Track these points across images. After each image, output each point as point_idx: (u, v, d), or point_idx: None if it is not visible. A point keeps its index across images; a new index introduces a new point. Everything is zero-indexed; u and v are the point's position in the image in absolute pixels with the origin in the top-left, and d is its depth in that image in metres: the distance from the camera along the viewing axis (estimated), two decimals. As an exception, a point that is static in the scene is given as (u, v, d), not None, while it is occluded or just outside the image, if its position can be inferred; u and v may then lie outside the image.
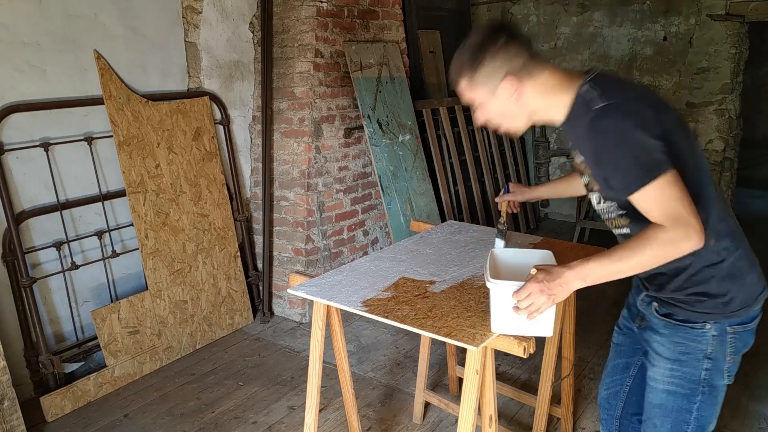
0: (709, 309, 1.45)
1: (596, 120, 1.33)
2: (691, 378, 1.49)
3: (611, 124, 1.31)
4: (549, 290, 1.38)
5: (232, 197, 3.62)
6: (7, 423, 2.46)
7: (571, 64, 5.47)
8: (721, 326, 1.45)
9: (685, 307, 1.48)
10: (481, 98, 1.47)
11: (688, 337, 1.48)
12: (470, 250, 2.19)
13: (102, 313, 2.88)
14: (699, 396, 1.49)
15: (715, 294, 1.44)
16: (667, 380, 1.52)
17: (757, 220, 5.78)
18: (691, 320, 1.47)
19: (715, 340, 1.46)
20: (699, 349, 1.47)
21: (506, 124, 1.51)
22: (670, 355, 1.51)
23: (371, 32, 3.95)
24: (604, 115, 1.32)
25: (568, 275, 1.37)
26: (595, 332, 3.48)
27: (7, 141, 2.67)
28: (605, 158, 1.34)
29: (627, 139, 1.29)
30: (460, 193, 4.66)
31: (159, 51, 3.23)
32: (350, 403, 2.21)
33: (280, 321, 3.71)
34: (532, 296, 1.39)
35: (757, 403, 2.78)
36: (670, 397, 1.52)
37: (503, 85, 1.42)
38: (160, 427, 2.65)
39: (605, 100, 1.33)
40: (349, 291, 1.83)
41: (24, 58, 2.67)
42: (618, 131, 1.30)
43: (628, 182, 1.31)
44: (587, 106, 1.36)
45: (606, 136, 1.31)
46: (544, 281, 1.38)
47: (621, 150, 1.30)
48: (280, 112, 3.67)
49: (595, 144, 1.34)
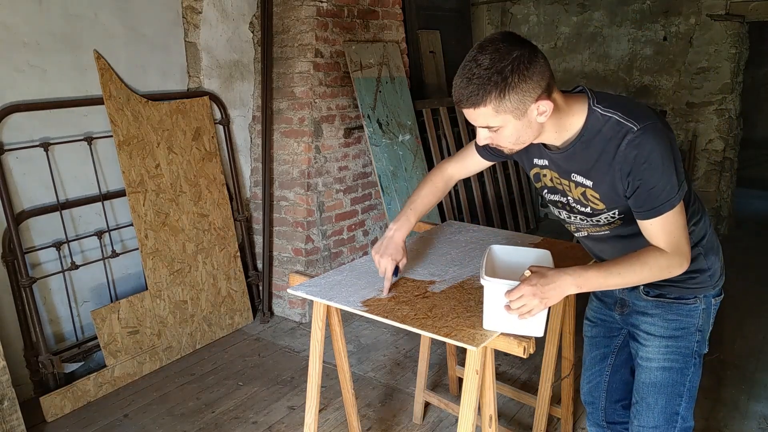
0: (700, 284, 1.55)
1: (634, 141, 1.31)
2: (685, 352, 1.58)
3: (651, 145, 1.31)
4: (542, 294, 1.38)
5: (232, 197, 3.62)
6: (7, 423, 2.46)
7: (571, 64, 5.48)
8: (707, 299, 1.58)
9: (680, 285, 1.55)
10: (504, 122, 1.32)
11: (682, 313, 1.57)
12: (470, 250, 2.19)
13: (102, 313, 2.88)
14: (692, 368, 1.59)
15: (704, 269, 1.55)
16: (663, 357, 1.59)
17: (758, 220, 5.78)
18: (683, 297, 1.56)
19: (704, 312, 1.58)
20: (692, 323, 1.57)
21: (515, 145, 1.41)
22: (664, 332, 1.59)
23: (371, 32, 3.95)
24: (642, 137, 1.31)
25: (564, 280, 1.39)
26: (595, 332, 3.47)
27: (7, 141, 2.67)
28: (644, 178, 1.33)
29: (663, 162, 1.32)
30: (460, 193, 4.66)
31: (159, 51, 3.23)
32: (350, 403, 2.21)
33: (280, 321, 3.71)
34: (524, 298, 1.39)
35: (757, 403, 2.78)
36: (665, 373, 1.59)
37: (534, 107, 1.30)
38: (160, 427, 2.65)
39: (636, 120, 1.32)
40: (349, 291, 1.82)
41: (24, 58, 2.67)
42: (657, 153, 1.31)
43: (657, 202, 1.35)
44: (615, 129, 1.34)
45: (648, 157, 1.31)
46: (538, 285, 1.38)
47: (661, 172, 1.32)
48: (280, 112, 3.67)
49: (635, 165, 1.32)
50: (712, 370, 3.02)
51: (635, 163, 1.32)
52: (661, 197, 1.34)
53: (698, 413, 2.67)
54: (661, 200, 1.34)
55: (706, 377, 2.90)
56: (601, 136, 1.37)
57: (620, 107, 1.37)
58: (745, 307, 3.76)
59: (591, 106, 1.39)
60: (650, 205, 1.36)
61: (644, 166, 1.32)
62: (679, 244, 1.38)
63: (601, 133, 1.37)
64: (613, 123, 1.35)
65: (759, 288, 4.06)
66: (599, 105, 1.39)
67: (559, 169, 1.50)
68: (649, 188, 1.34)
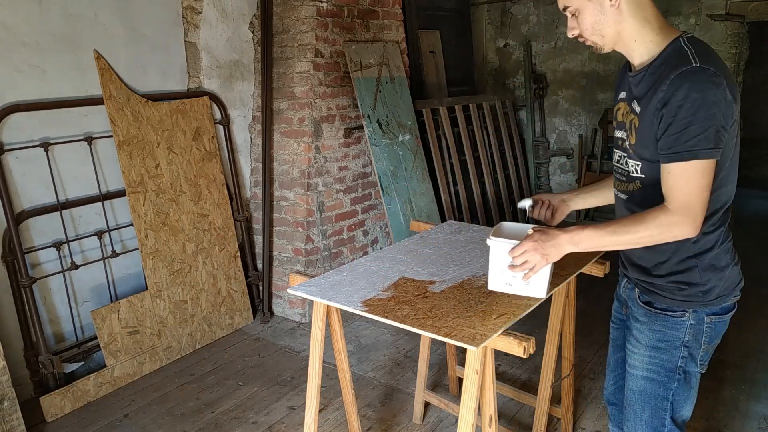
0: (689, 297, 1.49)
1: (687, 75, 1.29)
2: (668, 366, 1.54)
3: (701, 87, 1.27)
4: (543, 249, 1.45)
5: (232, 197, 3.62)
6: (7, 423, 2.46)
7: (571, 64, 5.48)
8: (698, 315, 1.50)
9: (666, 295, 1.51)
10: (579, 3, 1.43)
11: (667, 325, 1.52)
12: (470, 250, 2.19)
13: (102, 313, 2.88)
14: (675, 383, 1.54)
15: (696, 283, 1.48)
16: (645, 367, 1.57)
17: (758, 220, 5.78)
18: (670, 309, 1.51)
19: (692, 328, 1.50)
20: (677, 337, 1.52)
21: (595, 37, 1.46)
22: (649, 342, 1.56)
23: (371, 32, 3.95)
24: (697, 75, 1.28)
25: (562, 238, 1.44)
26: (595, 332, 3.48)
27: (7, 141, 2.67)
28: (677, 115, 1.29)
29: (706, 108, 1.27)
30: (460, 193, 4.66)
31: (159, 51, 3.23)
32: (350, 403, 2.21)
33: (280, 321, 3.71)
34: (526, 254, 1.47)
35: (757, 403, 2.78)
36: (648, 383, 1.57)
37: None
38: (160, 427, 2.65)
39: (703, 62, 1.30)
40: (349, 291, 1.82)
41: (24, 58, 2.67)
42: (703, 96, 1.27)
43: (684, 147, 1.29)
44: (680, 60, 1.32)
45: (689, 94, 1.27)
46: (539, 240, 1.45)
47: (696, 115, 1.27)
48: (280, 112, 3.67)
49: (674, 98, 1.29)
50: (712, 370, 3.02)
51: (674, 97, 1.29)
52: (688, 142, 1.28)
53: (698, 413, 2.67)
54: (687, 146, 1.28)
55: (706, 378, 2.90)
56: (667, 65, 1.35)
57: (704, 51, 1.33)
58: (745, 307, 3.75)
59: (679, 37, 1.37)
60: (675, 147, 1.30)
61: (681, 102, 1.28)
62: (689, 203, 1.31)
63: (668, 60, 1.36)
64: (683, 56, 1.33)
65: (759, 288, 4.06)
66: (688, 40, 1.36)
67: (630, 95, 1.47)
68: (679, 129, 1.29)
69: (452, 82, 5.19)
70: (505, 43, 5.87)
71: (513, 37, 5.80)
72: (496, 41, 5.92)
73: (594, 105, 5.45)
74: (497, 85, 5.95)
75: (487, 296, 1.77)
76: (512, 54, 5.84)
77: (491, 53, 5.99)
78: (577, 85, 5.51)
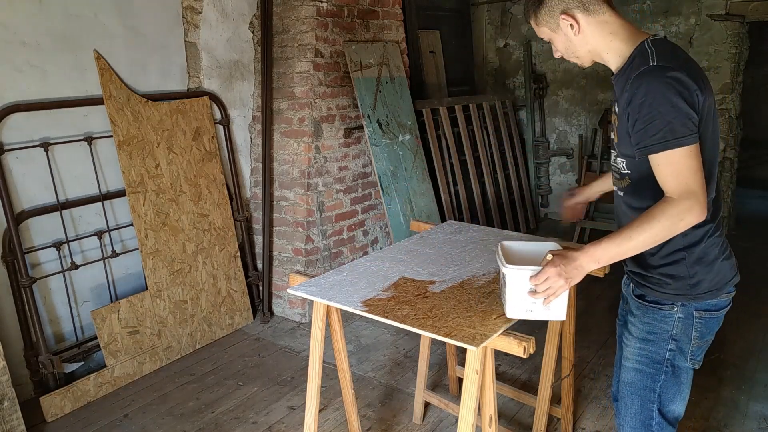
0: (677, 290, 1.52)
1: (644, 75, 1.37)
2: (655, 358, 1.57)
3: (657, 83, 1.35)
4: (566, 273, 1.44)
5: (232, 197, 3.62)
6: (7, 423, 2.46)
7: (571, 64, 5.47)
8: (687, 309, 1.53)
9: (656, 288, 1.55)
10: (548, 35, 1.57)
11: (656, 317, 1.56)
12: (470, 250, 2.19)
13: (102, 313, 2.88)
14: (662, 375, 1.57)
15: (682, 276, 1.51)
16: (635, 358, 1.61)
17: (758, 220, 5.78)
18: (660, 302, 1.55)
19: (681, 322, 1.54)
20: (665, 329, 1.55)
21: (572, 58, 1.59)
22: (639, 334, 1.60)
23: (371, 32, 3.95)
24: (653, 73, 1.36)
25: (582, 258, 1.44)
26: (595, 332, 3.48)
27: (7, 141, 2.67)
28: (641, 112, 1.36)
29: (666, 101, 1.33)
30: (460, 193, 4.66)
31: (159, 51, 3.23)
32: (350, 403, 2.21)
33: (280, 321, 3.71)
34: (549, 280, 1.45)
35: (757, 403, 2.78)
36: (638, 375, 1.61)
37: (561, 23, 1.51)
38: (160, 427, 2.65)
39: (659, 61, 1.38)
40: (349, 291, 1.82)
41: (24, 58, 2.67)
42: (661, 91, 1.34)
43: (652, 140, 1.35)
44: (641, 61, 1.41)
45: (648, 91, 1.35)
46: (561, 265, 1.44)
47: (657, 109, 1.34)
48: (280, 112, 3.67)
49: (636, 97, 1.37)
50: (712, 370, 3.02)
51: (635, 95, 1.37)
52: (655, 135, 1.35)
53: (698, 413, 2.67)
54: (655, 139, 1.35)
55: (706, 377, 2.91)
56: (632, 66, 1.43)
57: (665, 50, 1.41)
58: (745, 306, 3.76)
59: (646, 40, 1.45)
60: (644, 141, 1.37)
61: (642, 99, 1.36)
62: (689, 187, 1.34)
63: (633, 62, 1.44)
64: (644, 57, 1.41)
65: (759, 288, 4.06)
66: (652, 42, 1.44)
67: (613, 97, 1.56)
68: (644, 124, 1.36)
69: (452, 82, 5.19)
70: (505, 43, 5.87)
71: (513, 37, 5.80)
72: (496, 41, 5.92)
73: (594, 105, 5.45)
74: (497, 85, 5.95)
75: (487, 296, 1.77)
76: (512, 54, 5.84)
77: (491, 53, 5.99)
78: (577, 85, 5.51)
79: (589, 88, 5.44)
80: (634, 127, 1.39)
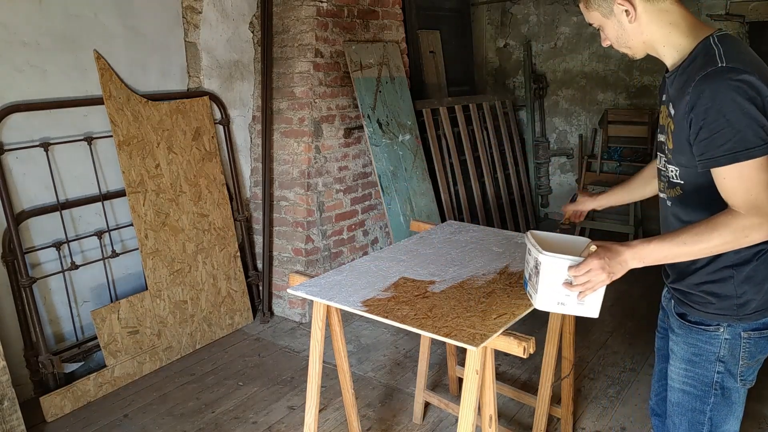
0: (722, 310, 1.41)
1: (710, 77, 1.24)
2: (703, 380, 1.47)
3: (726, 87, 1.22)
4: (609, 267, 1.35)
5: (232, 197, 3.62)
6: (7, 423, 2.46)
7: (571, 64, 5.47)
8: (734, 330, 1.41)
9: (699, 308, 1.45)
10: (599, 20, 1.46)
11: (701, 339, 1.46)
12: (470, 250, 2.19)
13: (102, 313, 2.88)
14: (711, 398, 1.47)
15: (729, 295, 1.40)
16: (681, 379, 1.51)
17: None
18: (704, 322, 1.45)
19: (727, 343, 1.43)
20: (711, 351, 1.44)
21: (623, 48, 1.48)
22: (684, 355, 1.50)
23: (371, 32, 3.94)
24: (721, 75, 1.23)
25: (627, 254, 1.35)
26: (595, 332, 3.48)
27: (7, 141, 2.67)
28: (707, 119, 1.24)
29: (736, 108, 1.21)
30: (460, 193, 4.65)
31: (159, 51, 3.23)
32: (350, 403, 2.21)
33: (280, 321, 3.71)
34: (591, 273, 1.37)
35: (757, 403, 2.78)
36: (685, 396, 1.51)
37: (616, 8, 1.39)
38: (160, 427, 2.65)
39: (728, 62, 1.25)
40: (349, 291, 1.82)
41: (24, 58, 2.67)
42: (730, 96, 1.22)
43: (719, 152, 1.24)
44: (706, 60, 1.27)
45: (715, 96, 1.23)
46: (606, 258, 1.35)
47: (726, 117, 1.22)
48: (280, 112, 3.67)
49: (700, 102, 1.25)
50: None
51: (700, 100, 1.25)
52: (723, 146, 1.22)
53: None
54: (722, 150, 1.23)
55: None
56: (695, 65, 1.30)
57: (731, 47, 1.28)
58: None
59: (710, 35, 1.32)
60: (709, 153, 1.24)
61: (708, 105, 1.23)
62: (758, 203, 1.22)
63: (696, 61, 1.31)
64: (710, 56, 1.28)
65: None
66: (718, 39, 1.30)
67: (667, 98, 1.43)
68: (710, 133, 1.23)
69: (452, 82, 5.19)
70: (505, 43, 5.87)
71: (513, 37, 5.80)
72: (496, 41, 5.92)
73: (594, 105, 5.45)
74: (497, 85, 5.95)
75: (487, 296, 1.77)
76: (512, 54, 5.84)
77: (491, 53, 5.99)
78: (577, 85, 5.51)
79: (589, 88, 5.44)
80: (698, 136, 1.26)
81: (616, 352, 3.27)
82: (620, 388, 2.91)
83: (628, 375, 3.03)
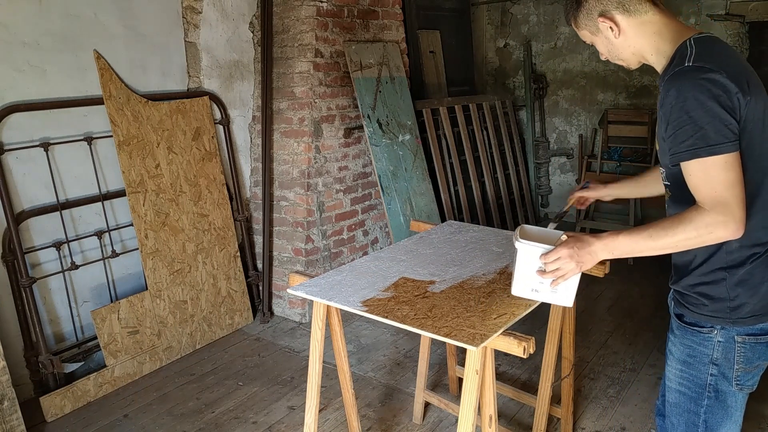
0: (714, 312, 1.41)
1: (677, 76, 1.28)
2: (697, 381, 1.48)
3: (690, 85, 1.25)
4: (578, 257, 1.41)
5: (232, 197, 3.62)
6: (7, 423, 2.46)
7: (571, 64, 5.47)
8: (728, 333, 1.41)
9: (694, 309, 1.46)
10: (589, 38, 1.52)
11: (695, 340, 1.46)
12: (470, 250, 2.19)
13: (102, 313, 2.88)
14: (705, 400, 1.48)
15: (722, 297, 1.40)
16: (677, 380, 1.53)
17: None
18: (699, 324, 1.45)
19: (720, 346, 1.43)
20: (704, 353, 1.45)
21: (616, 60, 1.52)
22: (679, 356, 1.51)
23: (371, 32, 3.94)
24: (687, 74, 1.27)
25: (597, 245, 1.40)
26: (595, 332, 3.48)
27: (7, 141, 2.67)
28: (671, 116, 1.28)
29: (698, 105, 1.24)
30: (460, 193, 4.66)
31: (159, 51, 3.23)
32: (350, 403, 2.21)
33: (280, 321, 3.71)
34: (560, 260, 1.43)
35: (757, 403, 2.78)
36: (680, 396, 1.53)
37: (601, 26, 1.44)
38: (160, 427, 2.65)
39: (696, 61, 1.28)
40: (349, 291, 1.82)
41: (24, 58, 2.67)
42: (693, 94, 1.24)
43: (681, 147, 1.27)
44: (678, 62, 1.32)
45: (679, 94, 1.26)
46: (575, 248, 1.41)
47: (689, 114, 1.25)
48: (280, 112, 3.67)
49: (667, 100, 1.29)
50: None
51: (666, 99, 1.29)
52: (685, 142, 1.25)
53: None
54: (685, 146, 1.26)
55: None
56: (671, 66, 1.34)
57: (706, 49, 1.31)
58: None
59: (689, 38, 1.35)
60: (674, 149, 1.28)
61: (673, 102, 1.27)
62: (722, 200, 1.24)
63: (672, 62, 1.35)
64: (682, 57, 1.31)
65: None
66: (694, 41, 1.33)
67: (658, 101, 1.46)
68: (675, 129, 1.27)
69: (452, 82, 5.19)
70: (505, 43, 5.87)
71: (513, 37, 5.80)
72: (496, 41, 5.92)
73: (594, 105, 5.45)
74: (497, 85, 5.95)
75: (487, 296, 1.77)
76: (512, 54, 5.84)
77: (491, 53, 5.99)
78: (577, 85, 5.51)
79: (589, 88, 5.44)
80: (666, 133, 1.30)
81: (616, 352, 3.27)
82: (620, 388, 2.91)
83: (628, 375, 3.03)
